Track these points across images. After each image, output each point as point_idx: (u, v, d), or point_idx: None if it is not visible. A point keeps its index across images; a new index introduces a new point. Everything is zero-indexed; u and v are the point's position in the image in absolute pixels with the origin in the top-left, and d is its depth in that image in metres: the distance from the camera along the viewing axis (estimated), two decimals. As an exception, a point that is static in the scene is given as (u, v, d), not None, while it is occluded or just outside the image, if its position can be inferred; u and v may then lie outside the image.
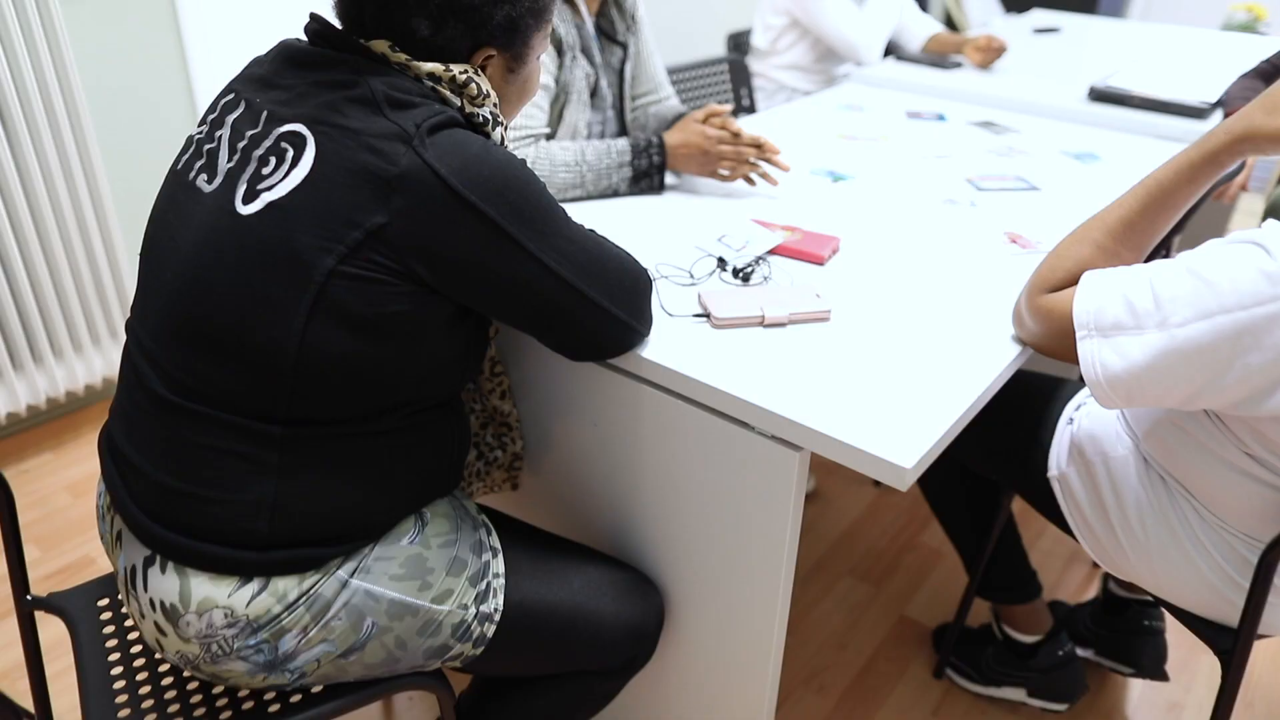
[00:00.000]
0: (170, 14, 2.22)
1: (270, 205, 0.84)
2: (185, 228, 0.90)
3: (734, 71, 2.57)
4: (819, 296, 1.19)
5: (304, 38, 0.95)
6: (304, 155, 0.85)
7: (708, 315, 1.16)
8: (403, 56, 0.90)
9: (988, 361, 1.10)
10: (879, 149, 1.89)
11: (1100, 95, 2.17)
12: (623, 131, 1.81)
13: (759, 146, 1.54)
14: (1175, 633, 1.76)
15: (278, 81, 0.92)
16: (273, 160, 0.86)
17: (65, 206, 2.08)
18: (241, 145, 0.89)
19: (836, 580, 1.91)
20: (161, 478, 0.91)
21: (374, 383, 0.90)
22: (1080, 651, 1.65)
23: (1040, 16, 3.54)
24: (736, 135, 1.54)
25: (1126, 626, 1.59)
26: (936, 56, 2.56)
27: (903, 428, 0.97)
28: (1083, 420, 1.25)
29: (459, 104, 0.93)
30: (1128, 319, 0.97)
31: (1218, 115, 2.14)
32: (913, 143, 1.94)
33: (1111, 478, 1.19)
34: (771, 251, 1.36)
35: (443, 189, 0.84)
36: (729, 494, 1.09)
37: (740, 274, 1.28)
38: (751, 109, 2.59)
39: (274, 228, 0.84)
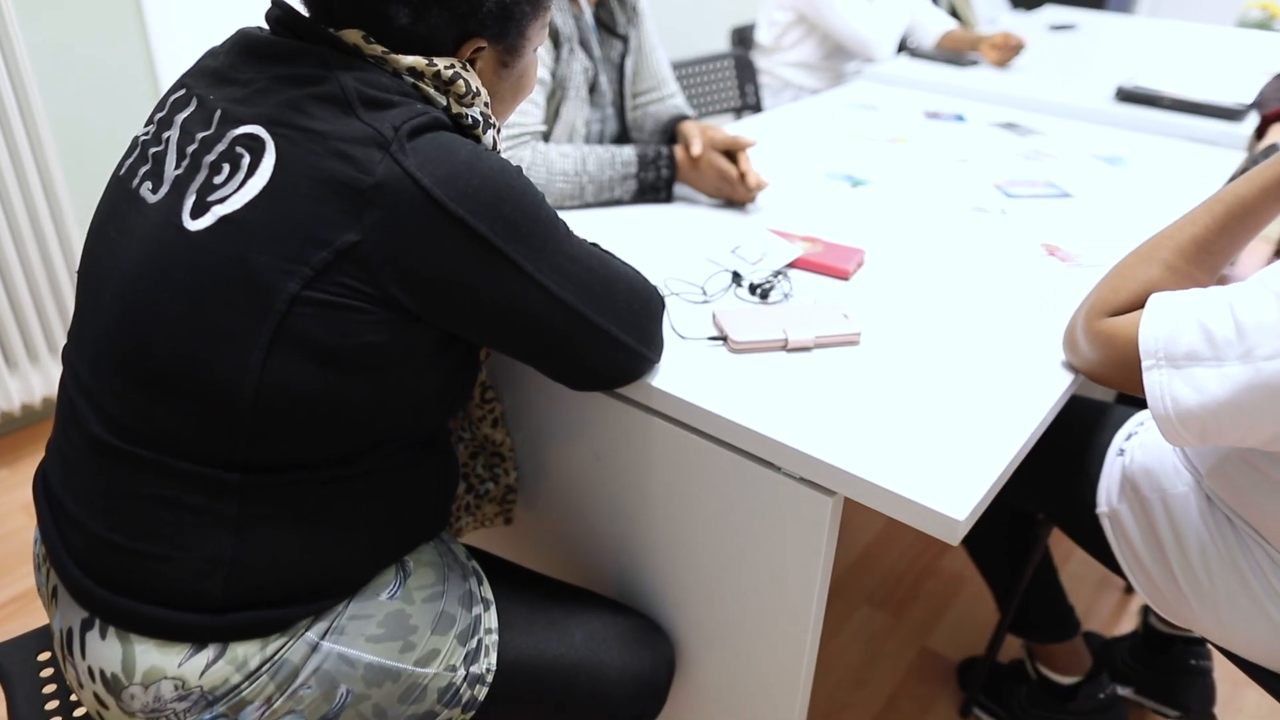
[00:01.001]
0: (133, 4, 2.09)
1: (223, 220, 0.72)
2: (127, 244, 0.78)
3: (739, 68, 2.45)
4: (847, 317, 1.07)
5: (265, 26, 0.83)
6: (262, 162, 0.73)
7: (724, 338, 1.04)
8: (379, 49, 0.78)
9: (1039, 391, 0.98)
10: (897, 151, 1.77)
11: (1128, 96, 2.05)
12: (623, 130, 1.69)
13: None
14: (1221, 666, 1.65)
15: (234, 76, 0.79)
16: (226, 168, 0.74)
17: (18, 210, 1.95)
18: (191, 149, 0.77)
19: (853, 609, 1.79)
20: (100, 531, 0.79)
21: (346, 422, 0.78)
22: (1119, 690, 1.53)
23: (1053, 13, 3.43)
24: (742, 178, 1.41)
25: (1171, 665, 1.48)
26: (951, 54, 2.45)
27: (949, 471, 0.85)
28: (1135, 452, 1.14)
29: (444, 103, 0.81)
30: (1204, 349, 0.85)
31: (1252, 117, 2.03)
32: (932, 145, 1.83)
33: (1170, 517, 1.07)
34: (791, 265, 1.24)
35: (425, 201, 0.72)
36: (751, 539, 0.97)
37: (758, 290, 1.16)
38: (757, 107, 2.47)
39: (227, 246, 0.72)
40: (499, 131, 0.87)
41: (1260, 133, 1.97)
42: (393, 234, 0.72)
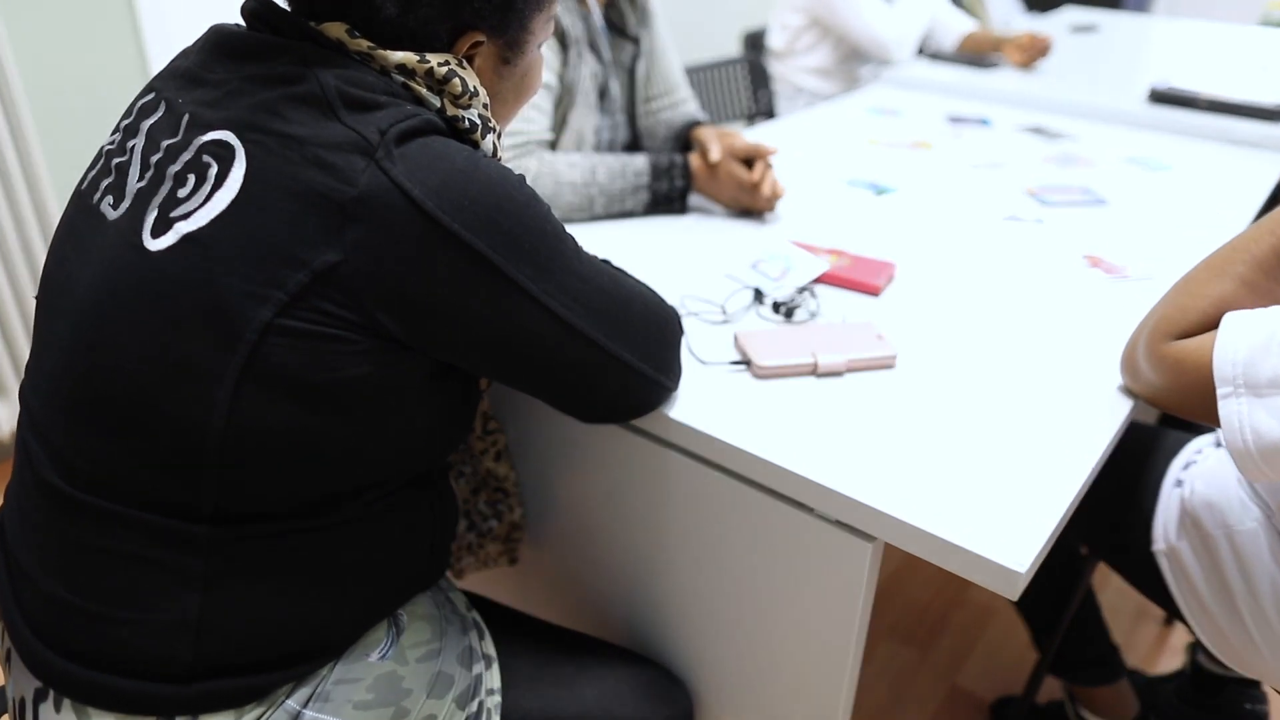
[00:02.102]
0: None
1: (186, 239, 0.64)
2: (83, 266, 0.69)
3: (751, 73, 2.36)
4: (881, 338, 0.98)
5: (241, 21, 0.74)
6: (231, 172, 0.64)
7: (748, 362, 0.95)
8: (364, 44, 0.69)
9: (1095, 419, 0.89)
10: (921, 157, 1.68)
11: (1162, 97, 1.96)
12: (634, 138, 1.60)
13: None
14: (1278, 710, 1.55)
15: (205, 77, 0.71)
16: (191, 179, 0.65)
17: (6, 229, 1.87)
18: (156, 159, 0.68)
19: (875, 644, 1.69)
20: (56, 590, 0.70)
21: (327, 465, 0.69)
22: (1165, 734, 1.43)
23: (1071, 15, 3.34)
24: (755, 186, 1.32)
25: (1224, 709, 1.37)
26: (973, 56, 2.36)
27: (1003, 515, 0.76)
28: (1195, 483, 1.04)
29: (438, 104, 0.72)
30: (1291, 375, 0.76)
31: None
32: (958, 150, 1.74)
33: (1238, 556, 0.98)
34: (816, 280, 1.15)
35: (415, 215, 0.64)
36: (780, 586, 0.88)
37: (782, 309, 1.07)
38: (770, 113, 2.39)
39: (191, 269, 0.63)
40: (500, 137, 0.78)
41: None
42: (378, 253, 0.63)
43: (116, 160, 0.72)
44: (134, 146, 0.72)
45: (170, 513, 0.67)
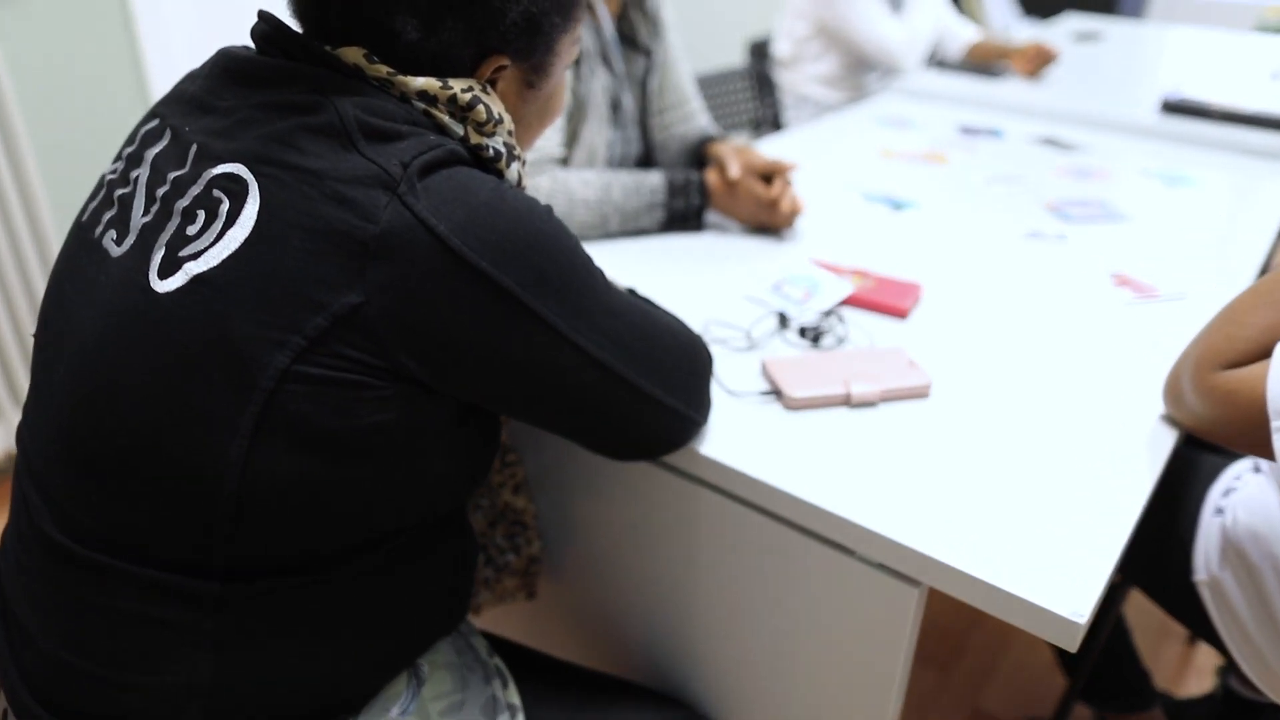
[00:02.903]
0: (121, 16, 1.96)
1: (197, 280, 0.60)
2: (85, 306, 0.65)
3: (757, 82, 2.33)
4: (914, 365, 0.95)
5: (250, 44, 0.70)
6: (244, 209, 0.60)
7: (778, 393, 0.92)
8: (383, 69, 0.65)
9: (1139, 451, 0.86)
10: (936, 170, 1.65)
11: (1174, 108, 1.93)
12: (647, 152, 1.57)
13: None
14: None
15: (213, 104, 0.67)
16: (201, 215, 0.61)
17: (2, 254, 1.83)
18: (162, 192, 0.64)
19: (895, 666, 1.65)
20: (55, 650, 0.66)
21: (346, 516, 0.65)
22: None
23: (1070, 22, 3.32)
24: (774, 204, 1.29)
25: (1255, 736, 1.34)
26: (980, 64, 2.33)
27: (1055, 558, 0.72)
28: (1237, 511, 1.01)
29: (461, 133, 0.68)
30: (1352, 408, 0.73)
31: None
32: (972, 162, 1.70)
33: (1285, 588, 0.95)
34: (841, 303, 1.11)
35: (440, 252, 0.60)
36: (817, 629, 0.84)
37: (809, 334, 1.03)
38: (776, 124, 2.35)
39: (202, 312, 0.59)
40: (524, 164, 0.75)
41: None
42: (402, 293, 0.59)
43: (119, 192, 0.68)
44: (138, 177, 0.68)
45: (179, 569, 0.63)
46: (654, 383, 0.73)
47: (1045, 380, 0.97)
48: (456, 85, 0.66)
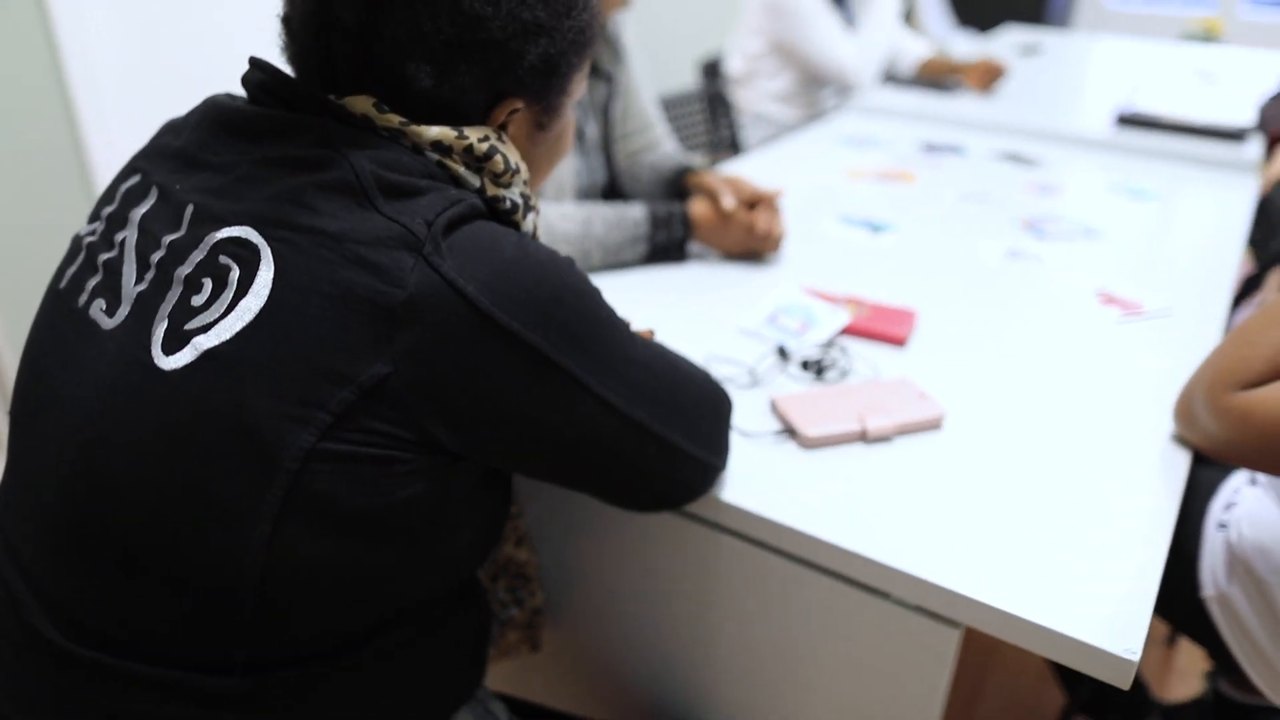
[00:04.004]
0: (47, 51, 1.87)
1: (207, 356, 0.55)
2: (75, 383, 0.60)
3: (714, 105, 2.32)
4: (924, 396, 0.93)
5: (242, 92, 0.66)
6: (257, 276, 0.56)
7: (792, 431, 0.89)
8: (395, 119, 0.61)
9: (1156, 474, 0.86)
10: (906, 190, 1.66)
11: (1129, 120, 1.98)
12: (612, 179, 1.54)
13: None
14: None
15: (206, 158, 0.62)
16: (207, 284, 0.57)
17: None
18: (157, 258, 0.60)
19: (888, 687, 1.64)
20: (56, 760, 0.60)
21: (375, 595, 0.61)
22: (1191, 767, 1.41)
23: (1012, 35, 3.40)
24: (765, 234, 1.28)
25: (1250, 739, 1.36)
26: (932, 79, 2.36)
27: (1095, 593, 0.71)
28: (1242, 526, 1.02)
29: (477, 184, 0.65)
30: (1371, 426, 0.73)
31: (1257, 138, 1.97)
32: (940, 181, 1.71)
33: (1294, 602, 0.95)
34: (840, 333, 1.10)
35: (470, 314, 0.56)
36: (849, 674, 0.82)
37: (812, 367, 1.01)
38: (735, 146, 2.35)
39: (216, 391, 0.54)
40: (538, 213, 0.71)
41: (1270, 152, 1.91)
42: (432, 360, 0.56)
43: (104, 256, 0.63)
44: (124, 240, 0.63)
45: (197, 667, 0.58)
46: (681, 434, 0.71)
47: (1052, 405, 0.96)
48: (472, 135, 0.63)
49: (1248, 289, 1.55)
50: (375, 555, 0.59)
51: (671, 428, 0.70)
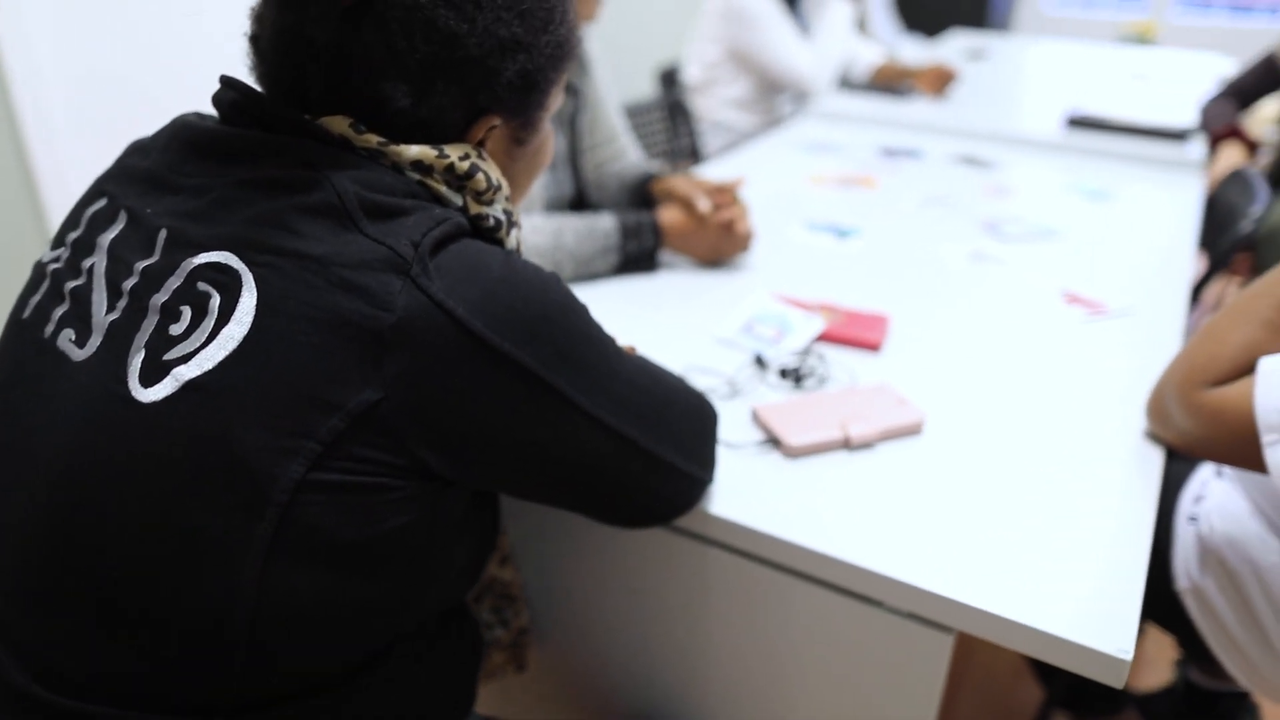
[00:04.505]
0: None
1: (190, 387, 0.53)
2: (45, 419, 0.57)
3: (673, 113, 2.33)
4: (904, 402, 0.94)
5: (213, 112, 0.64)
6: (239, 303, 0.54)
7: (776, 441, 0.89)
8: (373, 139, 0.60)
9: (1132, 471, 0.87)
10: (867, 195, 1.67)
11: (1079, 122, 2.02)
12: (579, 192, 1.53)
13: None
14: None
15: (178, 180, 0.60)
16: (186, 312, 0.55)
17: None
18: (130, 285, 0.57)
19: (866, 690, 1.65)
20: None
21: (369, 626, 0.60)
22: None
23: (959, 40, 3.46)
24: (728, 227, 1.28)
25: (1219, 724, 1.39)
26: (887, 85, 2.39)
27: (1084, 593, 0.72)
28: (1212, 519, 1.04)
29: (460, 202, 0.63)
30: (1340, 419, 0.75)
31: (1199, 138, 2.03)
32: (899, 185, 1.74)
33: (1266, 590, 0.97)
34: (815, 340, 1.10)
35: (460, 336, 0.55)
36: (843, 683, 0.82)
37: (790, 375, 1.01)
38: (695, 154, 2.36)
39: (200, 423, 0.52)
40: (520, 229, 0.70)
41: (1213, 151, 1.96)
42: (422, 384, 0.54)
43: (71, 284, 0.61)
44: (93, 267, 0.60)
45: (187, 711, 0.56)
46: (671, 449, 0.70)
47: (1028, 406, 0.97)
48: (453, 153, 0.62)
49: (1200, 288, 1.59)
50: (368, 586, 0.57)
51: (661, 443, 0.69)
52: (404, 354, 0.54)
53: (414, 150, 0.60)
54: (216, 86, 0.63)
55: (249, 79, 0.64)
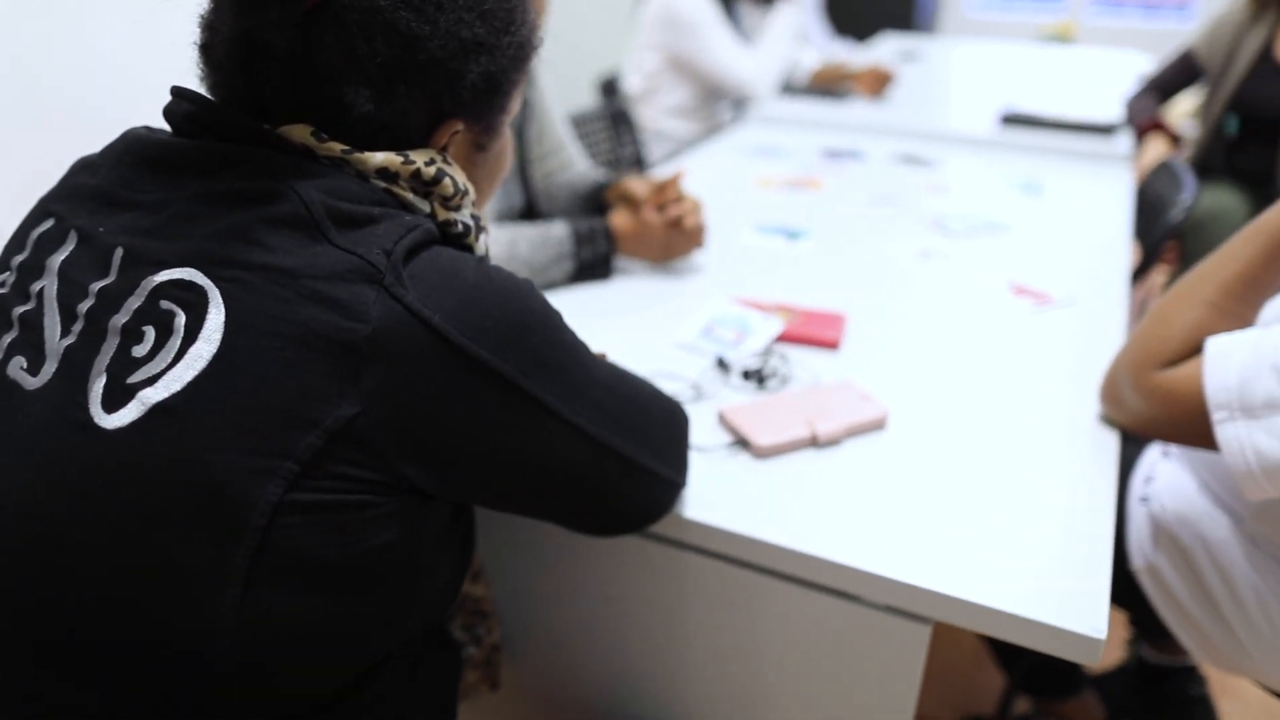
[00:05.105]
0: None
1: (158, 410, 0.51)
2: (1, 453, 0.54)
3: (615, 122, 2.33)
4: (867, 398, 0.95)
5: (164, 125, 0.62)
6: (206, 320, 0.52)
7: (744, 442, 0.90)
8: (336, 147, 0.58)
9: (1093, 455, 0.89)
10: (814, 196, 1.69)
11: (1013, 119, 2.08)
12: (529, 202, 1.52)
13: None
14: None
15: (132, 196, 0.58)
16: (150, 333, 0.53)
17: None
18: (85, 307, 0.55)
19: (832, 686, 1.66)
20: None
21: (353, 648, 0.58)
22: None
23: (896, 43, 3.54)
24: (676, 223, 1.29)
25: (1172, 697, 1.43)
26: (826, 87, 2.43)
27: (1054, 575, 0.74)
28: (1163, 499, 1.07)
29: (427, 209, 0.62)
30: (1285, 395, 0.78)
31: (1126, 132, 2.10)
32: (845, 186, 1.76)
33: (1217, 565, 1.01)
34: (775, 340, 1.11)
35: (439, 346, 0.54)
36: (824, 679, 0.82)
37: (753, 377, 1.02)
38: (639, 162, 2.36)
39: (169, 447, 0.50)
40: (488, 234, 0.69)
41: (1140, 144, 2.04)
42: (401, 396, 0.53)
43: (20, 310, 0.58)
44: (42, 291, 0.58)
45: (160, 748, 0.54)
46: (649, 455, 0.70)
47: (985, 396, 1.00)
48: (418, 158, 0.61)
49: (1137, 276, 1.65)
50: (353, 608, 0.56)
51: (640, 449, 0.69)
52: (380, 366, 0.52)
53: (379, 157, 0.59)
54: (164, 99, 0.61)
55: (199, 90, 0.62)
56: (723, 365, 1.04)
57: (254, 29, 0.55)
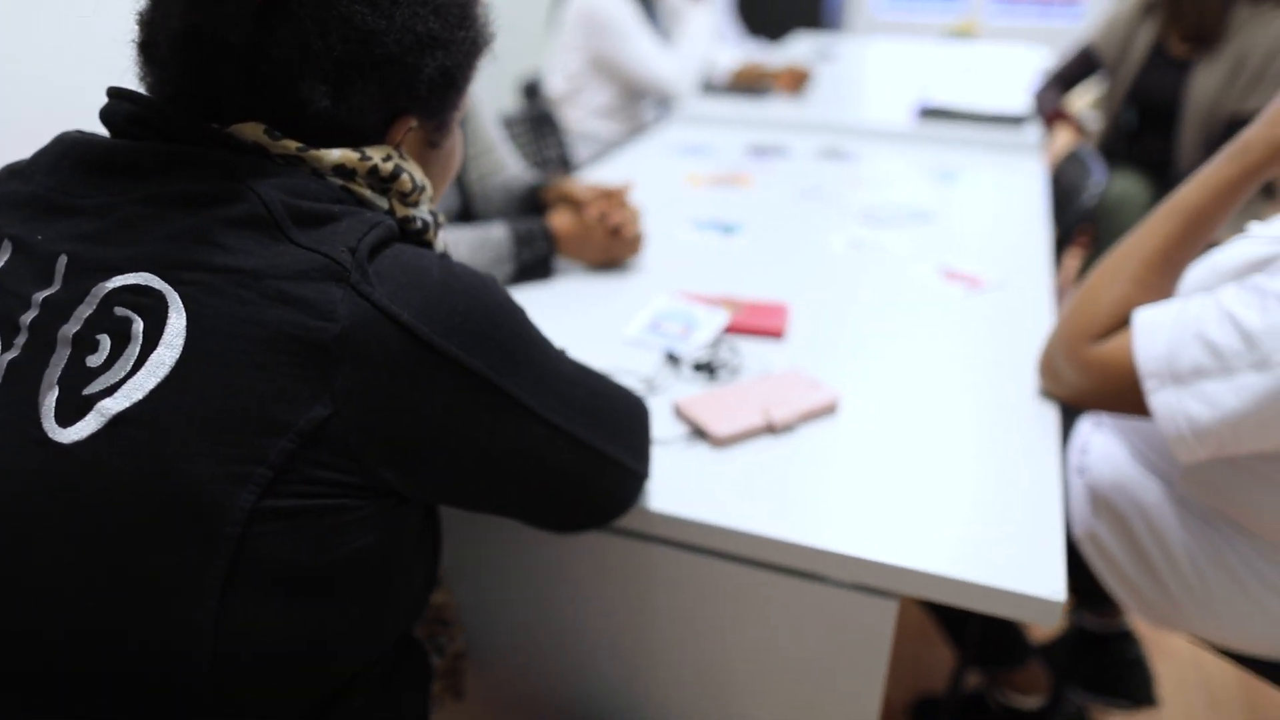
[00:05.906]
0: None
1: (118, 421, 0.49)
2: (-56, 475, 0.51)
3: (538, 125, 2.32)
4: (817, 385, 0.97)
5: (100, 128, 0.59)
6: (166, 326, 0.50)
7: (701, 433, 0.90)
8: (291, 144, 0.57)
9: (1035, 428, 0.93)
10: (743, 193, 1.72)
11: (930, 112, 2.14)
12: (465, 204, 1.51)
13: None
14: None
15: (71, 202, 0.55)
16: (105, 341, 0.50)
17: None
18: (29, 319, 0.52)
19: (785, 674, 1.69)
20: None
21: (333, 657, 0.57)
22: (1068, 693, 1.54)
23: (810, 42, 3.61)
24: (617, 231, 1.29)
25: (1111, 659, 1.50)
26: (747, 86, 2.46)
27: (1010, 543, 0.76)
28: (1098, 468, 1.12)
29: (385, 205, 0.61)
30: (1210, 362, 0.83)
31: (1035, 123, 2.19)
32: (773, 181, 1.79)
33: (1151, 528, 1.06)
34: (723, 332, 1.12)
35: (409, 344, 0.53)
36: (795, 661, 0.83)
37: (705, 369, 1.03)
38: (566, 165, 2.36)
39: (134, 458, 0.48)
40: (445, 230, 0.68)
41: (1049, 132, 2.12)
42: (373, 396, 0.52)
43: (-46, 326, 0.55)
44: (-21, 305, 0.55)
45: (133, 776, 0.51)
46: (618, 448, 0.70)
47: (929, 377, 1.02)
48: (375, 155, 0.60)
49: (1056, 259, 1.72)
50: (331, 616, 0.54)
51: (610, 442, 0.69)
52: (351, 365, 0.51)
53: (335, 154, 0.58)
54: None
55: (143, 87, 0.59)
56: (673, 359, 1.05)
57: (205, 24, 0.53)
